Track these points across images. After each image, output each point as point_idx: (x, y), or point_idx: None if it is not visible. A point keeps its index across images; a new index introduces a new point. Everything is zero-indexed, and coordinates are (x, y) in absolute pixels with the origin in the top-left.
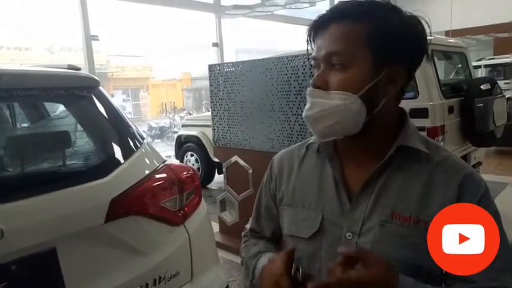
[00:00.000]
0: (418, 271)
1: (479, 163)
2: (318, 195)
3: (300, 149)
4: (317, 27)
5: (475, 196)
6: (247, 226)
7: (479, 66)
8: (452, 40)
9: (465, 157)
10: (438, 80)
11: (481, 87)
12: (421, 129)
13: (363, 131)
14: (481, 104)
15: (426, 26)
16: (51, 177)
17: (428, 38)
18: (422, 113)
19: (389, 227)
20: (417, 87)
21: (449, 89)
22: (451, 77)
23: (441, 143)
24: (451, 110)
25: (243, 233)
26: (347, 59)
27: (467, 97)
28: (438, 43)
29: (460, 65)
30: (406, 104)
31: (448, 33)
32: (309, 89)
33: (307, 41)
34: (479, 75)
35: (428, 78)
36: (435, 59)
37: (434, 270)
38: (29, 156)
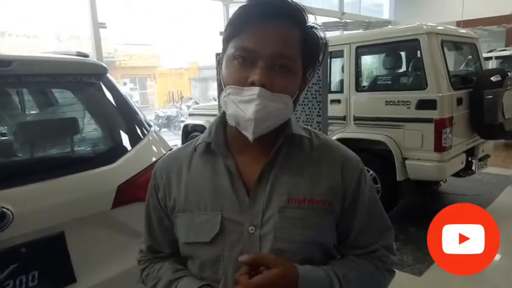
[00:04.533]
0: (321, 248)
1: (487, 156)
2: (213, 195)
3: (184, 150)
4: (252, 18)
5: (356, 172)
6: (142, 248)
7: (490, 58)
8: (463, 31)
9: (473, 150)
10: (448, 71)
11: (491, 78)
12: (429, 120)
13: None
14: (491, 96)
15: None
16: (60, 163)
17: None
18: (430, 104)
19: (287, 212)
20: (426, 78)
21: (458, 81)
22: (461, 68)
23: (449, 135)
24: (459, 101)
25: (138, 257)
26: (292, 63)
27: (477, 89)
28: (449, 33)
29: (471, 56)
30: (414, 95)
31: (459, 24)
32: (256, 88)
33: (234, 26)
34: (490, 67)
35: (437, 69)
36: (445, 49)
37: (330, 242)
38: (38, 142)
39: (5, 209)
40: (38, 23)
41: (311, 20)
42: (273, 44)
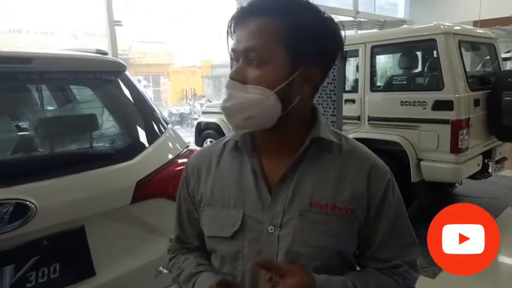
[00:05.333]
0: (340, 256)
1: (505, 158)
2: (238, 192)
3: (215, 147)
4: (237, 20)
5: (383, 183)
6: (172, 237)
7: (509, 58)
8: (480, 31)
9: (490, 152)
10: (465, 71)
11: (510, 79)
12: (445, 121)
13: (278, 126)
14: (509, 98)
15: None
16: (81, 159)
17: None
18: (446, 105)
19: (308, 216)
20: (443, 79)
21: (475, 81)
22: (478, 68)
23: (466, 137)
24: (476, 102)
25: (168, 247)
26: (263, 55)
27: (495, 90)
28: (466, 34)
29: (488, 57)
30: (430, 96)
31: (476, 23)
32: (227, 80)
33: (227, 33)
34: (508, 68)
35: (454, 69)
36: (462, 49)
37: (350, 251)
38: (59, 138)
39: (28, 202)
40: (54, 20)
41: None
42: (246, 40)
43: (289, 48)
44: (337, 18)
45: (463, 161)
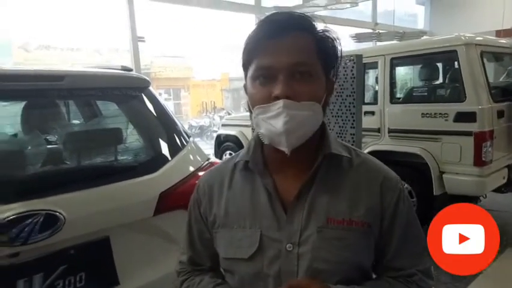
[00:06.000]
0: (359, 270)
1: None
2: (253, 213)
3: (226, 167)
4: (268, 36)
5: (395, 193)
6: (182, 259)
7: None
8: (503, 41)
9: None
10: (488, 82)
11: None
12: (468, 133)
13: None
14: None
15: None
16: (106, 171)
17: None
18: (469, 117)
19: (326, 232)
20: (465, 90)
21: (499, 92)
22: (502, 79)
23: (490, 149)
24: (500, 114)
25: (178, 268)
26: (312, 69)
27: None
28: (488, 44)
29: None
30: (452, 108)
31: (498, 33)
32: (280, 101)
33: (248, 51)
34: None
35: (477, 80)
36: (485, 60)
37: (369, 264)
38: (86, 151)
39: (58, 213)
40: (80, 36)
41: (320, 26)
42: (287, 56)
43: (321, 62)
44: (356, 30)
45: (487, 174)
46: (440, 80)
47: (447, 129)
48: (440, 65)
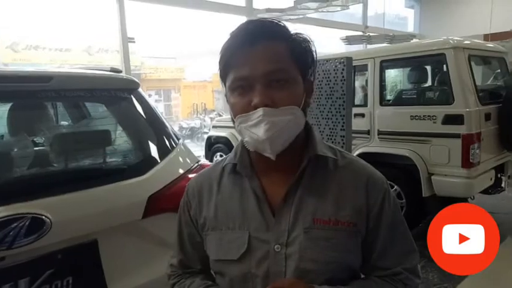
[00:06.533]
0: (347, 270)
1: None
2: (241, 215)
3: (214, 171)
4: (241, 48)
5: (380, 193)
6: (173, 262)
7: None
8: (490, 44)
9: (502, 166)
10: (475, 85)
11: None
12: (456, 136)
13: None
14: None
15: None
16: (94, 174)
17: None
18: (457, 119)
19: (313, 233)
20: (453, 93)
21: (486, 95)
22: (489, 82)
23: (477, 151)
24: (487, 117)
25: (168, 272)
26: (287, 74)
27: (506, 104)
28: (476, 48)
29: (499, 70)
30: (440, 110)
31: (486, 37)
32: (259, 109)
33: (224, 63)
34: None
35: (465, 83)
36: (472, 63)
37: (357, 263)
38: (74, 154)
39: (44, 217)
40: (69, 37)
41: (292, 29)
42: (262, 64)
43: (297, 65)
44: (347, 32)
45: (474, 175)
46: (429, 83)
47: (435, 132)
48: (428, 68)
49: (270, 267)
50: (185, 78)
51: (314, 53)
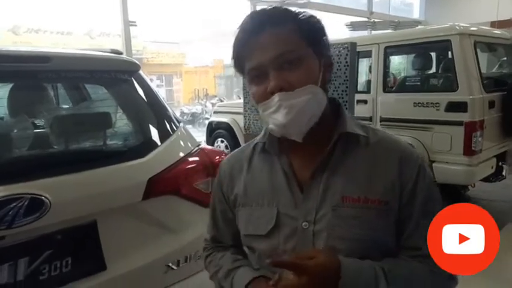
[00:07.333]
0: (375, 247)
1: None
2: (271, 191)
3: (246, 150)
4: (251, 37)
5: (414, 169)
6: (207, 237)
7: None
8: (497, 31)
9: (504, 154)
10: (480, 73)
11: None
12: (459, 123)
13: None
14: None
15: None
16: (94, 156)
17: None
18: (460, 107)
19: (341, 211)
20: (457, 80)
21: (491, 83)
22: (494, 70)
23: (480, 139)
24: (491, 104)
25: (203, 246)
26: (299, 53)
27: (510, 91)
28: (482, 34)
29: (505, 58)
30: (444, 97)
31: (493, 24)
32: (275, 95)
33: (237, 57)
34: None
35: (469, 71)
36: (478, 51)
37: (390, 243)
38: (74, 135)
39: (43, 197)
40: (70, 20)
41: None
42: (269, 50)
43: (308, 42)
44: (351, 18)
45: (476, 163)
46: (433, 70)
47: (438, 119)
48: (433, 54)
49: (297, 243)
50: (187, 64)
51: (324, 28)
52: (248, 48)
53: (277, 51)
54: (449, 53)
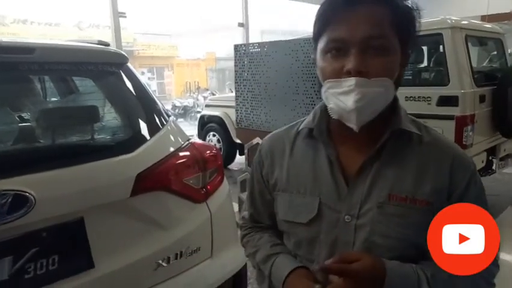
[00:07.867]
0: (414, 247)
1: (509, 155)
2: (313, 180)
3: (289, 133)
4: (341, 7)
5: (466, 174)
6: (245, 215)
7: None
8: (488, 25)
9: (494, 148)
10: (471, 67)
11: None
12: (450, 117)
13: None
14: None
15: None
16: (81, 150)
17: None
18: (451, 101)
19: (387, 208)
20: (448, 74)
21: (481, 77)
22: (485, 64)
23: (471, 133)
24: (482, 98)
25: (241, 223)
26: (388, 42)
27: (501, 86)
28: (473, 28)
29: (496, 52)
30: (435, 91)
31: (484, 18)
32: (352, 78)
33: (320, 21)
34: None
35: (460, 65)
36: (469, 45)
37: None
38: (60, 129)
39: (27, 194)
40: (59, 11)
41: None
42: (362, 28)
43: (398, 34)
44: None
45: None
46: (425, 64)
47: (430, 113)
48: (425, 48)
49: (338, 235)
50: (178, 56)
51: (418, 23)
52: (337, 17)
53: (370, 32)
54: (441, 46)
